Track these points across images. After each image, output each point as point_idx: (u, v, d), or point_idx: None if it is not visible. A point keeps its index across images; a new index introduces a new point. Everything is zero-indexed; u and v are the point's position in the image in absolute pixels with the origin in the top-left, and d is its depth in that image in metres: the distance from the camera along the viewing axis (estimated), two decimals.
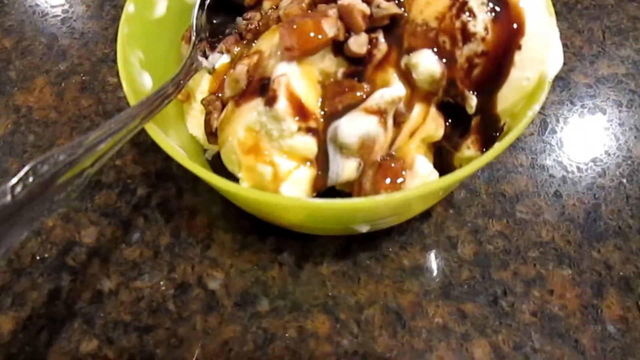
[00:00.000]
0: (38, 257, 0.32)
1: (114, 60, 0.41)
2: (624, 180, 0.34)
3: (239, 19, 0.36)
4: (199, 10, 0.34)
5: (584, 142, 0.35)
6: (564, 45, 0.40)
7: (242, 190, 0.25)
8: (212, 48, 0.34)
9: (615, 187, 0.33)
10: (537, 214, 0.33)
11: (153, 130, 0.26)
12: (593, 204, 0.33)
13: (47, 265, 0.32)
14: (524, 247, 0.32)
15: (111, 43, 0.41)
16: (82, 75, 0.40)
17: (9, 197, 0.20)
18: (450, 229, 0.32)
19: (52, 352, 0.29)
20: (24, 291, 0.31)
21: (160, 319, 0.30)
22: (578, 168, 0.34)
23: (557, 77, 0.38)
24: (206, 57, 0.34)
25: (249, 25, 0.32)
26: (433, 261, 0.31)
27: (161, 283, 0.31)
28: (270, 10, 0.32)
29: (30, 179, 0.20)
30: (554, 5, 0.41)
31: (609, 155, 0.35)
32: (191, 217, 0.33)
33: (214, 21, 0.36)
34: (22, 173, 0.20)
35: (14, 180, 0.20)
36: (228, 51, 0.33)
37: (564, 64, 0.38)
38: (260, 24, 0.32)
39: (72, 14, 0.43)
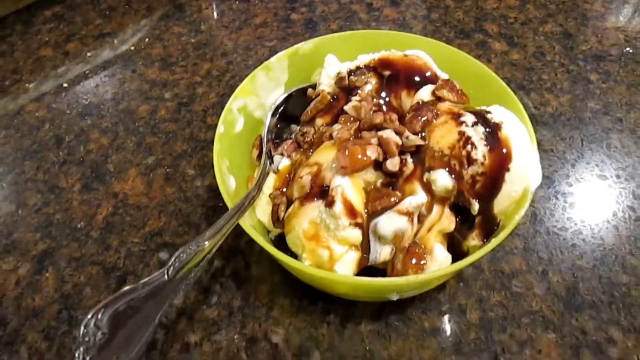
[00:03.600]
0: None
1: (191, 155, 0.52)
2: (597, 263, 0.42)
3: (294, 127, 0.47)
4: (270, 120, 0.45)
5: (566, 231, 0.44)
6: (550, 150, 0.50)
7: (314, 271, 0.34)
8: (275, 148, 0.45)
9: (590, 269, 0.42)
10: (528, 288, 0.41)
11: (244, 224, 0.36)
12: (572, 282, 0.42)
13: None
14: (518, 314, 0.40)
15: (188, 141, 0.52)
16: (165, 167, 0.50)
17: (165, 277, 0.29)
18: (461, 299, 0.41)
19: None
20: None
21: None
22: (561, 252, 0.43)
23: (545, 177, 0.47)
24: (271, 155, 0.44)
25: (306, 138, 0.43)
26: (447, 324, 0.40)
27: (235, 337, 0.40)
28: (321, 127, 0.43)
29: (177, 264, 0.30)
30: (542, 115, 0.52)
31: (585, 242, 0.44)
32: (257, 285, 0.42)
33: (278, 125, 0.47)
34: (172, 259, 0.30)
35: (169, 264, 0.29)
36: (289, 156, 0.43)
37: (551, 165, 0.48)
38: (315, 137, 0.42)
39: (156, 117, 0.54)
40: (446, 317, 0.40)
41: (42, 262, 0.45)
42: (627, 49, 0.56)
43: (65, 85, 0.58)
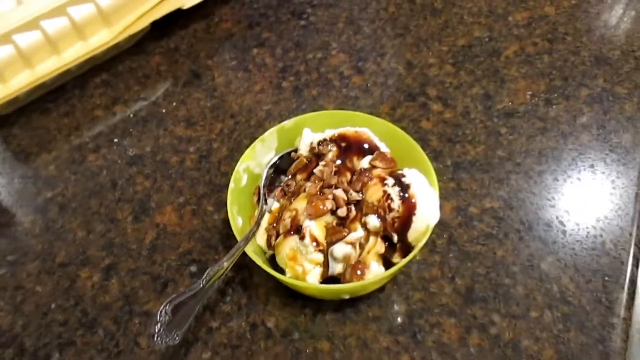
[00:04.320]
0: None
1: (210, 196, 0.71)
2: (490, 270, 0.62)
3: (283, 177, 0.66)
4: (265, 175, 0.65)
5: (471, 248, 0.64)
6: (467, 189, 0.69)
7: (294, 281, 0.54)
8: (269, 192, 0.64)
9: (484, 275, 0.62)
10: (440, 289, 0.61)
11: (249, 250, 0.55)
12: (471, 284, 0.61)
13: None
14: (432, 307, 0.59)
15: (207, 185, 0.71)
16: (192, 205, 0.70)
17: (201, 285, 0.49)
18: (394, 297, 0.60)
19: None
20: None
21: (243, 342, 0.59)
22: (465, 263, 0.62)
23: (461, 209, 0.67)
24: (265, 200, 0.64)
25: (289, 188, 0.62)
26: (384, 314, 0.59)
27: (242, 323, 0.60)
28: (300, 181, 0.62)
29: (207, 277, 0.50)
30: (463, 162, 0.71)
31: (484, 256, 0.63)
32: (257, 289, 0.62)
33: (272, 176, 0.66)
34: (205, 275, 0.50)
35: (204, 277, 0.50)
36: (278, 200, 0.63)
37: (465, 200, 0.67)
38: (295, 188, 0.62)
39: (184, 166, 0.74)
40: (383, 309, 0.60)
41: (108, 272, 0.65)
42: (531, 107, 0.76)
43: (115, 140, 0.78)
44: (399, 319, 0.59)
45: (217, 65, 0.85)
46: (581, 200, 0.66)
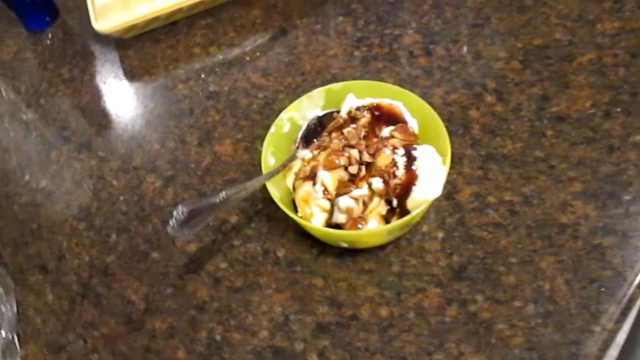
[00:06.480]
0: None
1: (263, 138, 0.80)
2: (487, 256, 0.66)
3: (324, 134, 0.74)
4: (306, 128, 0.73)
5: (476, 233, 0.68)
6: (491, 179, 0.71)
7: (296, 218, 0.62)
8: (306, 145, 0.73)
9: (480, 258, 0.66)
10: (436, 261, 0.65)
11: (270, 187, 0.65)
12: (466, 263, 0.65)
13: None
14: (423, 274, 0.63)
15: (265, 129, 0.80)
16: (247, 142, 0.80)
17: (217, 200, 0.60)
18: (391, 257, 0.65)
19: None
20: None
21: (254, 262, 0.68)
22: (466, 243, 0.67)
23: (483, 196, 0.70)
24: (298, 148, 0.72)
25: (322, 143, 0.70)
26: (378, 269, 0.66)
27: (258, 248, 0.69)
28: (334, 139, 0.70)
29: (226, 195, 0.60)
30: (496, 155, 0.74)
31: (487, 243, 0.67)
32: (278, 222, 0.71)
33: (316, 129, 0.74)
34: (223, 193, 0.60)
35: (222, 194, 0.60)
36: (312, 152, 0.71)
37: (487, 189, 0.71)
38: (327, 144, 0.69)
39: (250, 109, 0.83)
40: (379, 265, 0.66)
41: (168, 182, 0.78)
42: (586, 115, 0.76)
43: (202, 75, 0.90)
44: (389, 277, 0.65)
45: (303, 26, 0.93)
46: (605, 212, 0.67)
